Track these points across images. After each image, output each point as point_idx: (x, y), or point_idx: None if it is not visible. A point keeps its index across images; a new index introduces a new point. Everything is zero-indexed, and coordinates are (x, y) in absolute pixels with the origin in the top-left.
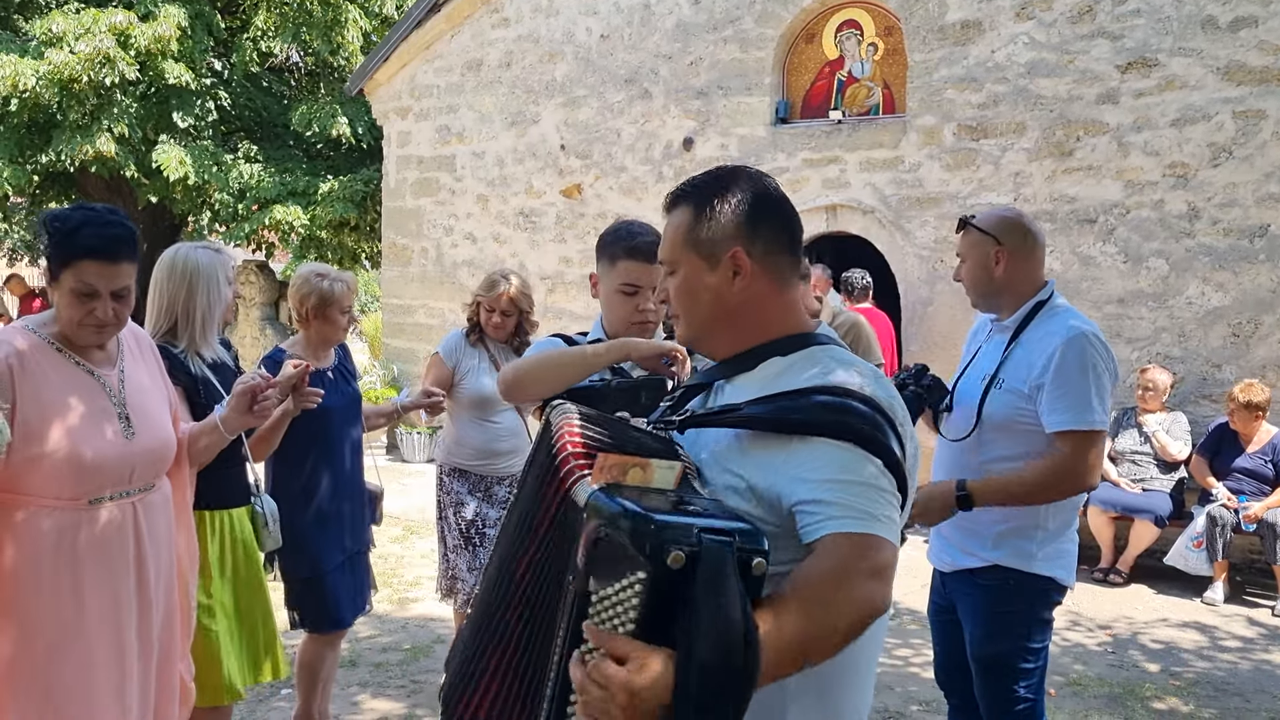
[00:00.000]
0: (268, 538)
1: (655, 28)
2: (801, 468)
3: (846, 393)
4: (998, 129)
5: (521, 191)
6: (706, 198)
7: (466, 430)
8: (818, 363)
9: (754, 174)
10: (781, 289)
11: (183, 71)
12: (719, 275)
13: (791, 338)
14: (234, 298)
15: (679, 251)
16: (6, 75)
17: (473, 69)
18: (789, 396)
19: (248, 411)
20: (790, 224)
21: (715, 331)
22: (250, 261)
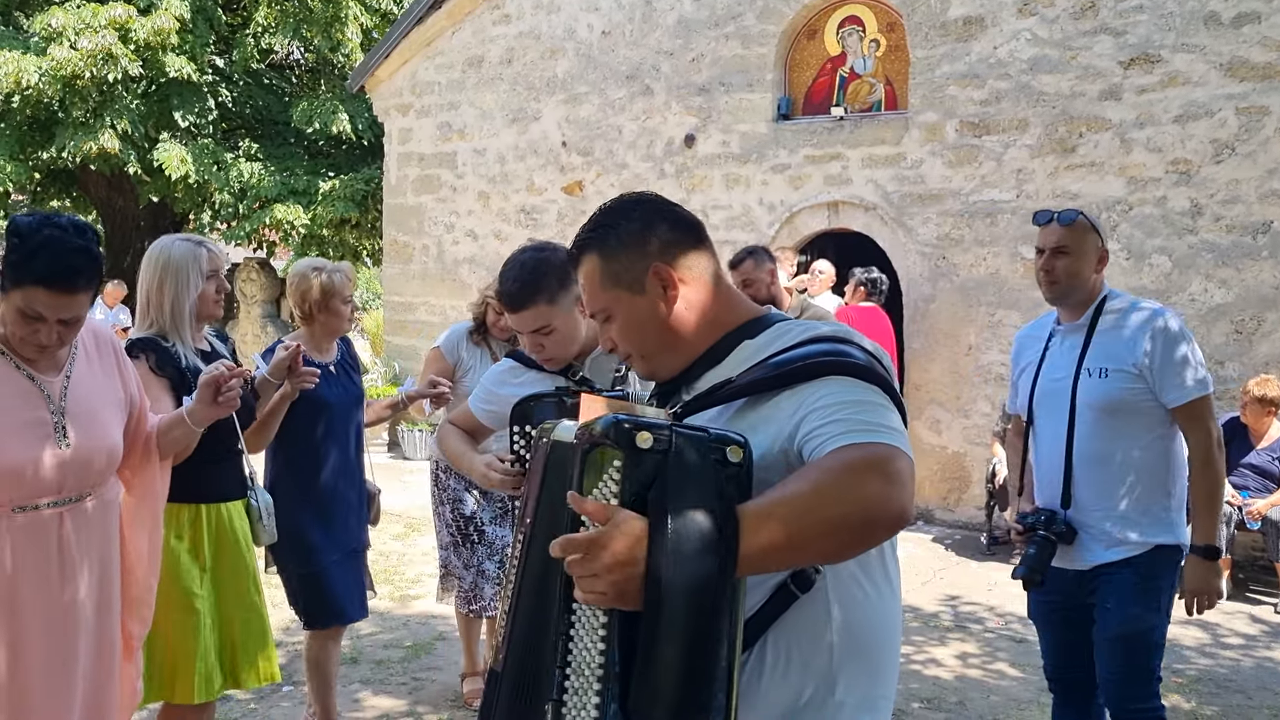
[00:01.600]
0: (263, 532)
1: (657, 24)
2: (803, 406)
3: (837, 339)
4: (1000, 125)
5: (523, 188)
6: (602, 237)
7: None
8: (790, 332)
9: (627, 198)
10: (713, 282)
11: (184, 64)
12: (650, 297)
13: (750, 322)
14: (217, 291)
15: (603, 297)
16: (8, 72)
17: (474, 65)
18: (782, 354)
19: (213, 403)
20: (683, 218)
21: (673, 350)
22: (251, 259)
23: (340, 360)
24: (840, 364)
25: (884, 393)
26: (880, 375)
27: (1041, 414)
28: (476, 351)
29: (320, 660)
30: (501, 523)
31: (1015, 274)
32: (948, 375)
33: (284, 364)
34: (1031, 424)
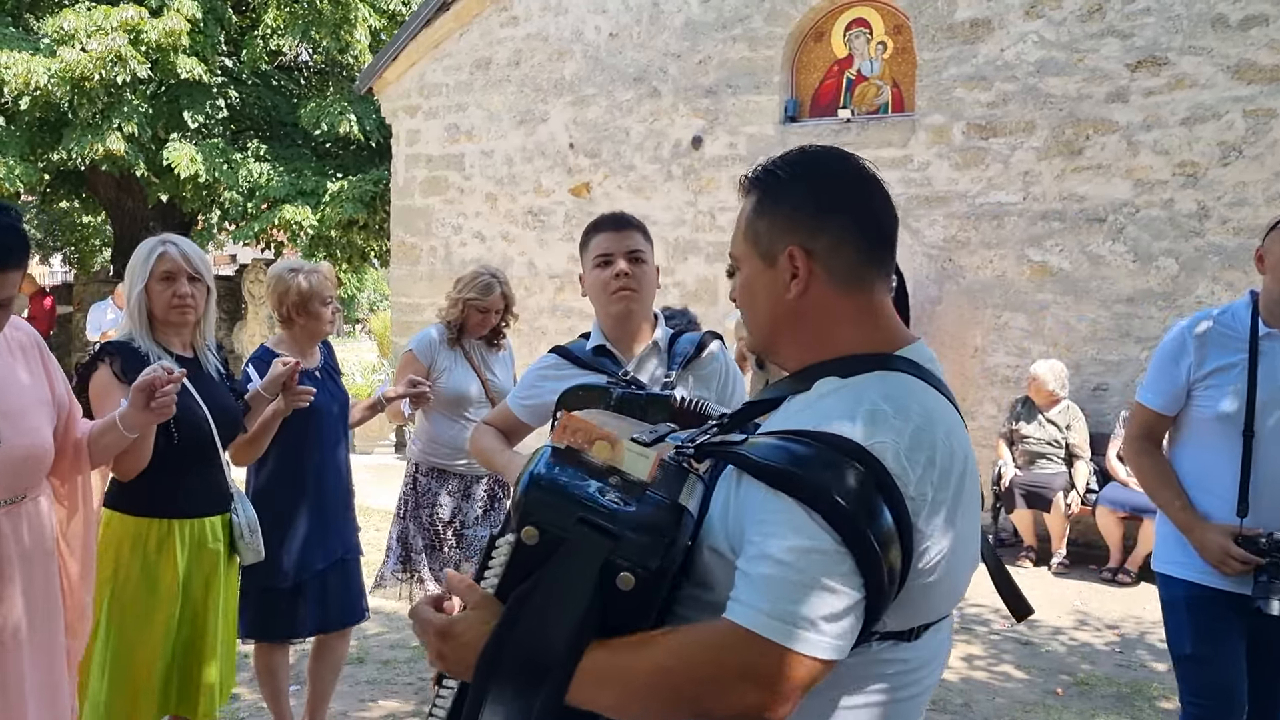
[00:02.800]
0: (246, 549)
1: (664, 26)
2: (755, 523)
3: (836, 443)
4: (1007, 128)
5: (530, 190)
6: (772, 183)
7: (443, 428)
8: (861, 396)
9: (837, 155)
10: (850, 295)
11: (195, 65)
12: (775, 276)
13: (860, 357)
14: (176, 295)
15: (740, 245)
16: (18, 73)
17: (481, 67)
18: (789, 435)
19: (145, 408)
20: (874, 217)
21: (777, 340)
22: (259, 260)
23: (324, 365)
24: (803, 483)
25: (847, 545)
26: (848, 518)
27: (1270, 423)
28: (451, 354)
29: (265, 668)
30: (482, 523)
31: (1022, 276)
32: (954, 378)
33: (279, 380)
34: (1253, 435)
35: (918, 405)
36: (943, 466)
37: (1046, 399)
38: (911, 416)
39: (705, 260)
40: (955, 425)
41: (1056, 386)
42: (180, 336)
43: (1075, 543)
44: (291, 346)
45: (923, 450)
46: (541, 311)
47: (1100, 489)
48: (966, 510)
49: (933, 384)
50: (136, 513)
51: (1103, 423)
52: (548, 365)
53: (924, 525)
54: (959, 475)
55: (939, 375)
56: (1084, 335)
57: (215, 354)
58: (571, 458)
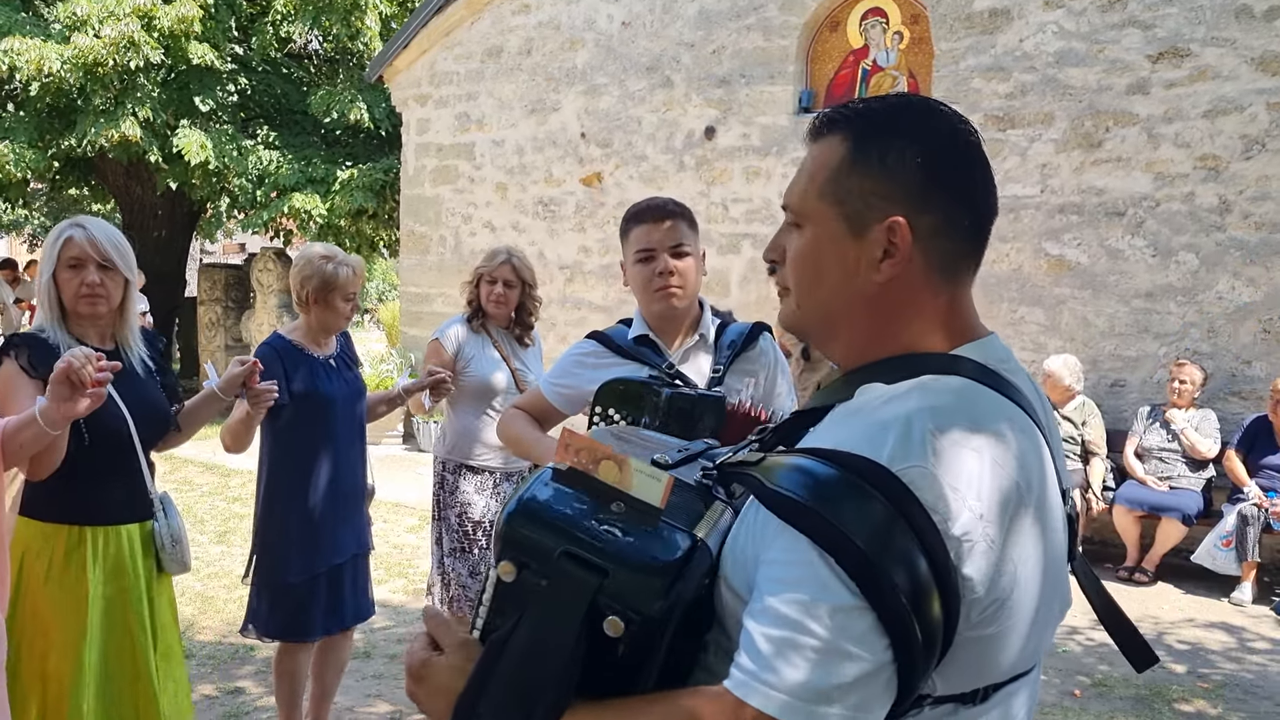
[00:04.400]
0: (169, 560)
1: (677, 15)
2: (765, 563)
3: (860, 468)
4: (1025, 119)
5: (541, 180)
6: (874, 131)
7: (470, 423)
8: (902, 407)
9: (950, 113)
10: (943, 288)
11: (206, 52)
12: (862, 248)
13: (913, 358)
14: (84, 285)
15: (812, 199)
16: (30, 59)
17: (493, 56)
18: (814, 455)
19: (69, 399)
20: (985, 196)
21: (836, 326)
22: (268, 249)
23: (339, 353)
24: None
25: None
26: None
27: None
28: (476, 340)
29: (289, 671)
30: None
31: (1039, 270)
32: None
33: (237, 380)
34: None
35: (970, 418)
36: (1001, 496)
37: (1061, 395)
38: (960, 433)
39: (717, 251)
40: (1023, 443)
41: (1071, 381)
42: (96, 328)
43: (1091, 541)
44: (305, 334)
45: (972, 476)
46: (551, 302)
47: (1117, 487)
48: (1040, 546)
49: (1002, 389)
50: (43, 518)
51: (1120, 419)
52: (586, 351)
53: (973, 570)
54: (1027, 506)
55: (1013, 378)
56: (1102, 330)
57: (145, 346)
58: (573, 480)
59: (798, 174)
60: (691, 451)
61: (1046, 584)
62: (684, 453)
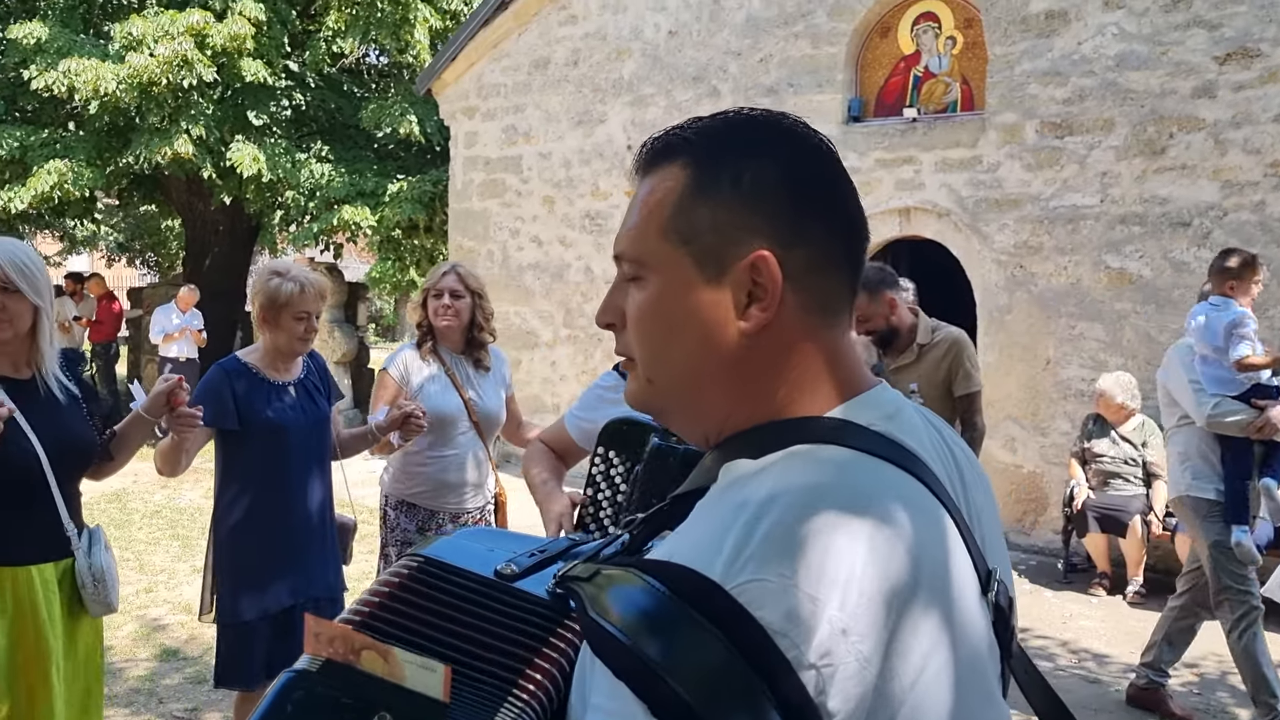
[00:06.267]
0: (90, 601)
1: (724, 23)
2: (591, 707)
3: (689, 587)
4: (1084, 125)
5: (587, 193)
6: (720, 150)
7: (415, 457)
8: (750, 496)
9: (794, 124)
10: (821, 332)
11: (259, 68)
12: (721, 294)
13: (792, 423)
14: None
15: (652, 241)
16: (87, 79)
17: (540, 67)
18: (649, 567)
19: None
20: (858, 222)
21: (696, 396)
22: (319, 263)
23: (303, 379)
24: (645, 675)
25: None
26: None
27: None
28: (426, 367)
29: None
30: None
31: (1099, 284)
32: (1024, 390)
33: (160, 399)
34: None
35: (843, 500)
36: (884, 595)
37: (1117, 414)
38: (827, 521)
39: None
40: (918, 524)
41: (1126, 399)
42: (7, 355)
43: (1153, 570)
44: (261, 357)
45: (838, 576)
46: None
47: None
48: (948, 648)
49: (893, 457)
50: None
51: None
52: (609, 385)
53: (840, 700)
54: (925, 602)
55: (907, 438)
56: (1166, 347)
57: (65, 373)
58: (329, 679)
59: (627, 215)
60: (549, 553)
61: (961, 693)
62: (539, 555)
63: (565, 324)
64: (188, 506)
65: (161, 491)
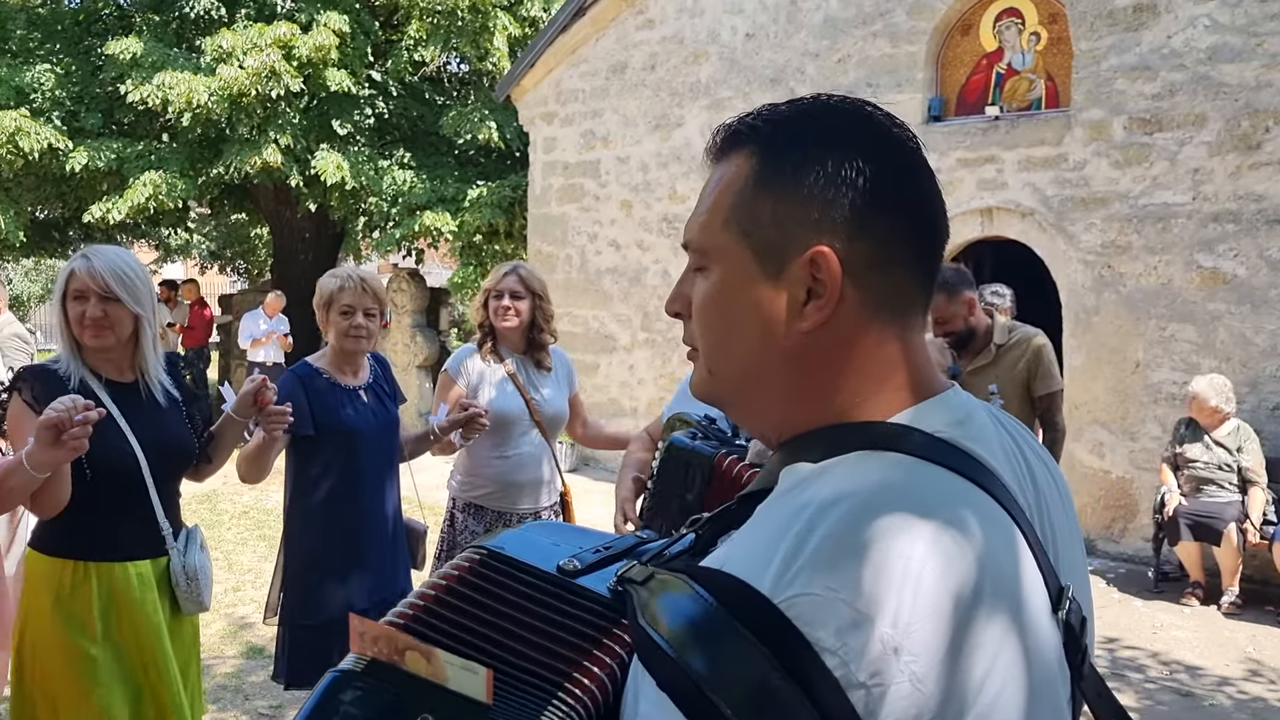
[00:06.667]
0: (183, 599)
1: (802, 24)
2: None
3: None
4: (1174, 121)
5: (665, 197)
6: (787, 141)
7: (481, 457)
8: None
9: (870, 113)
10: (888, 333)
11: (343, 78)
12: (780, 290)
13: (853, 427)
14: (85, 316)
15: (716, 231)
16: (180, 92)
17: (617, 72)
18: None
19: (54, 444)
20: (934, 214)
21: (755, 392)
22: (401, 270)
23: (371, 383)
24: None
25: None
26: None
27: None
28: (488, 368)
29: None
30: None
31: (1190, 284)
32: (1112, 394)
33: (248, 399)
34: None
35: (906, 508)
36: (940, 612)
37: (1211, 418)
38: (887, 530)
39: None
40: (990, 534)
41: (1220, 403)
42: (110, 360)
43: (1250, 580)
44: (329, 361)
45: (893, 589)
46: (676, 322)
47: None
48: (1021, 667)
49: (961, 467)
50: (49, 552)
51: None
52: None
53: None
54: (996, 617)
55: (976, 446)
56: (1262, 349)
57: (168, 376)
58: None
59: (698, 203)
60: (614, 550)
61: (1030, 717)
62: (603, 552)
63: (643, 327)
64: (274, 508)
65: (250, 493)
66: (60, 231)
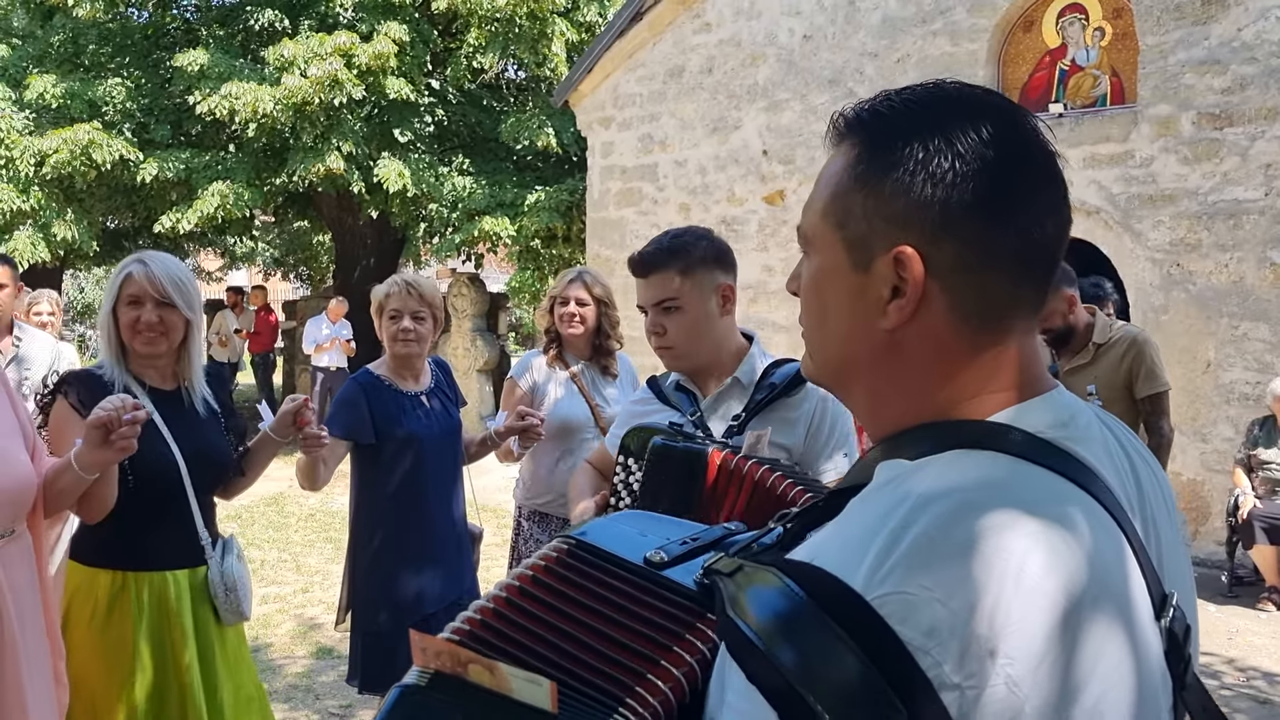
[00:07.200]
0: (222, 609)
1: (860, 25)
2: (725, 705)
3: (828, 593)
4: (1245, 115)
5: (723, 199)
6: (888, 133)
7: (545, 465)
8: (900, 501)
9: (996, 104)
10: (981, 336)
11: (403, 86)
12: (864, 285)
13: (952, 425)
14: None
15: (816, 219)
16: (247, 102)
17: (674, 76)
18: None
19: (103, 444)
20: (1041, 214)
21: (849, 378)
22: (461, 274)
23: (434, 388)
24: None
25: None
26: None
27: None
28: (553, 375)
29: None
30: None
31: (1263, 282)
32: (1183, 394)
33: (288, 419)
34: None
35: (1005, 507)
36: (1039, 614)
37: None
38: (986, 529)
39: None
40: (1098, 534)
41: None
42: (156, 367)
43: None
44: (390, 368)
45: (984, 597)
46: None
47: None
48: (1132, 676)
49: (1063, 469)
50: (88, 562)
51: None
52: (638, 399)
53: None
54: (1102, 620)
55: (1080, 448)
56: None
57: (211, 387)
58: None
59: (819, 180)
60: (702, 541)
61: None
62: (691, 544)
63: None
64: (340, 510)
65: (315, 496)
66: (130, 241)
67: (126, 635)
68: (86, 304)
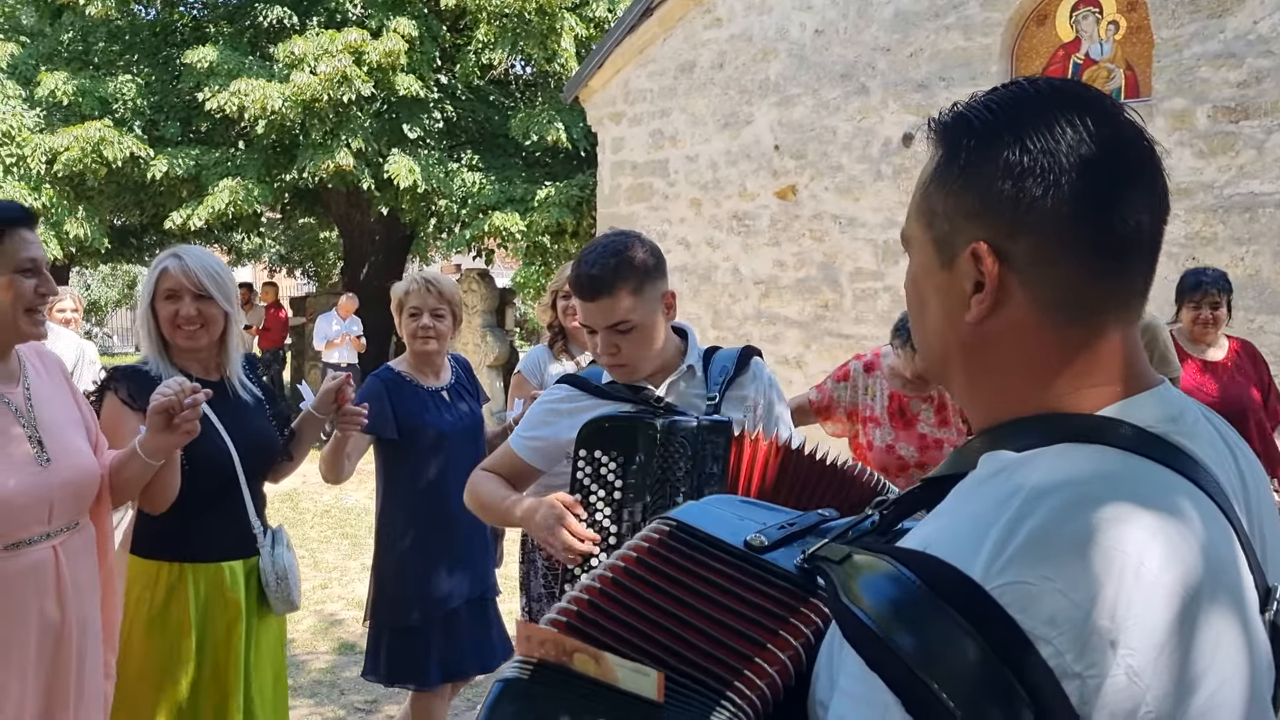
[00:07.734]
0: (274, 599)
1: (872, 19)
2: (839, 690)
3: (944, 582)
4: (1262, 108)
5: (734, 194)
6: (966, 132)
7: None
8: (1014, 492)
9: (1084, 97)
10: (1071, 329)
11: (412, 82)
12: (951, 281)
13: (1060, 417)
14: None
15: (911, 222)
16: (256, 99)
17: (685, 71)
18: (902, 555)
19: (166, 429)
20: (1132, 212)
21: (948, 371)
22: (471, 270)
23: (453, 384)
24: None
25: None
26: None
27: None
28: (560, 368)
29: (426, 716)
30: None
31: (1279, 275)
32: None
33: (330, 396)
34: None
35: (1118, 500)
36: (1160, 605)
37: None
38: (1100, 522)
39: None
40: (1211, 527)
41: None
42: (198, 359)
43: None
44: (410, 364)
45: (1105, 588)
46: (746, 319)
47: None
48: (1245, 670)
49: (1173, 462)
50: (145, 554)
51: None
52: (559, 398)
53: (1105, 715)
54: (1218, 613)
55: (1189, 443)
56: None
57: (249, 376)
58: (544, 680)
59: (914, 194)
60: (799, 527)
61: (1249, 715)
62: (789, 529)
63: (713, 325)
64: (354, 506)
65: (330, 492)
66: (138, 238)
67: (185, 628)
68: (93, 301)
